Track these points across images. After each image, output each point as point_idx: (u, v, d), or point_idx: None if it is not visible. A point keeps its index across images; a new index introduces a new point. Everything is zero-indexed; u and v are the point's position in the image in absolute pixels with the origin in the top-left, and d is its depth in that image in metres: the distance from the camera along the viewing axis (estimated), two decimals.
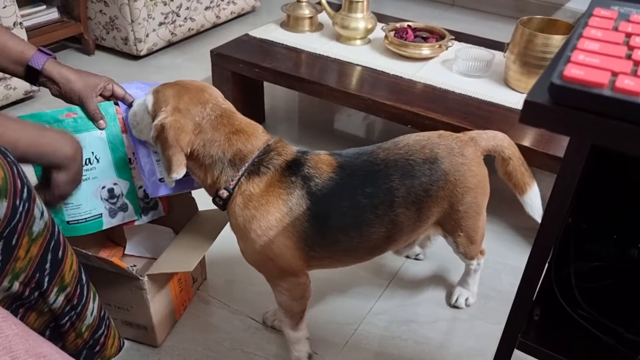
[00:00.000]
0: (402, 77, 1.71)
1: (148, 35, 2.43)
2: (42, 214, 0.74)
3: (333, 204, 0.99)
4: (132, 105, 1.08)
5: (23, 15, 2.13)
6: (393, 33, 1.84)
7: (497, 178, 1.17)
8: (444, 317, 1.32)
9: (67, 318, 0.84)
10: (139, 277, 1.07)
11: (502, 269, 1.45)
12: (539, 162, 1.35)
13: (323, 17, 2.02)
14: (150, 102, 1.00)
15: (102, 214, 1.11)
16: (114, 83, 1.10)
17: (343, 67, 1.78)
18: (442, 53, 1.82)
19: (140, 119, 1.04)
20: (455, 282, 1.37)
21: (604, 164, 0.80)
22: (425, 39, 1.83)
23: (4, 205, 0.66)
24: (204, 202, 1.14)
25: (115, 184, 1.12)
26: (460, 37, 1.92)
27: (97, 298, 0.91)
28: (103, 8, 2.39)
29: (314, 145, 1.11)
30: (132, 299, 1.13)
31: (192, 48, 2.65)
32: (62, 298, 0.82)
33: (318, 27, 2.04)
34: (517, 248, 1.52)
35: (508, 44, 1.63)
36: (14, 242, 0.70)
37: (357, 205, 0.99)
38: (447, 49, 1.82)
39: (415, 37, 1.84)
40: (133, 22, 2.34)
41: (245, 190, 0.98)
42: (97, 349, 0.93)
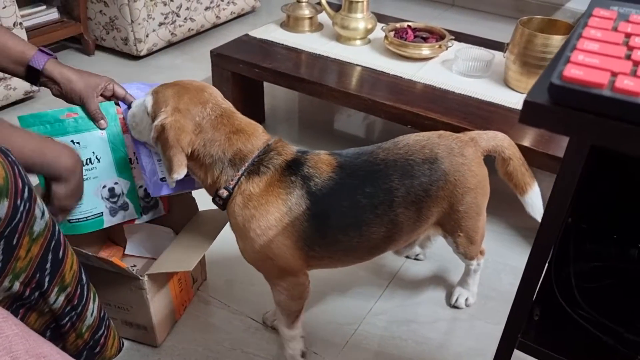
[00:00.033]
0: (402, 77, 1.71)
1: (148, 36, 2.43)
2: (42, 214, 0.74)
3: (333, 204, 0.99)
4: (131, 106, 1.08)
5: (23, 16, 2.13)
6: (393, 33, 1.84)
7: (497, 178, 1.17)
8: (444, 317, 1.32)
9: (67, 318, 0.84)
10: (139, 276, 1.08)
11: (502, 269, 1.45)
12: (539, 162, 1.35)
13: (323, 17, 2.02)
14: (150, 102, 1.00)
15: (102, 213, 1.12)
16: (115, 83, 1.11)
17: (343, 67, 1.78)
18: (442, 53, 1.82)
19: (140, 120, 1.04)
20: (455, 282, 1.37)
21: (604, 164, 0.80)
22: (425, 39, 1.83)
23: (5, 205, 0.66)
24: (204, 202, 1.14)
25: (116, 184, 1.12)
26: (460, 37, 1.92)
27: (97, 298, 0.91)
28: (103, 8, 2.39)
29: (314, 146, 1.11)
30: (132, 299, 1.13)
31: (192, 48, 2.65)
32: (62, 298, 0.82)
33: (318, 27, 2.04)
34: (517, 248, 1.53)
35: (508, 44, 1.63)
36: (15, 241, 0.70)
37: (356, 205, 0.99)
38: (447, 49, 1.82)
39: (415, 37, 1.84)
40: (133, 22, 2.35)
41: (245, 190, 0.98)
42: (97, 350, 0.94)
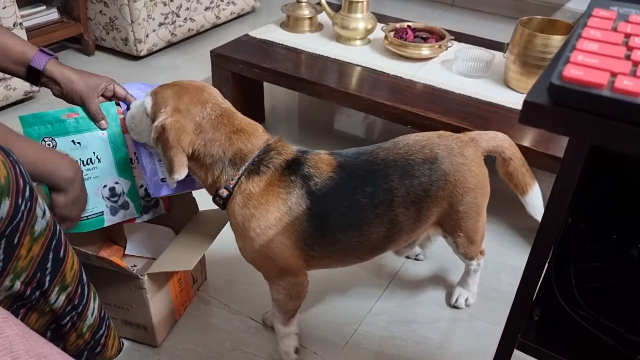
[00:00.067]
0: (401, 77, 1.71)
1: (148, 36, 2.43)
2: (44, 213, 0.74)
3: (332, 204, 0.99)
4: (130, 108, 1.08)
5: (23, 16, 2.13)
6: (393, 33, 1.84)
7: (497, 178, 1.17)
8: (444, 317, 1.32)
9: (68, 318, 0.84)
10: (139, 276, 1.08)
11: (502, 269, 1.45)
12: (539, 162, 1.36)
13: (323, 17, 2.02)
14: (149, 103, 1.00)
15: (103, 212, 1.12)
16: (116, 83, 1.11)
17: (343, 67, 1.78)
18: (441, 53, 1.82)
19: (139, 122, 1.04)
20: (455, 282, 1.37)
21: (604, 164, 0.80)
22: (425, 40, 1.83)
23: (7, 204, 0.66)
24: (205, 202, 1.15)
25: (117, 183, 1.12)
26: (460, 37, 1.92)
27: (97, 298, 0.91)
28: (103, 8, 2.39)
29: (314, 146, 1.12)
30: (132, 299, 1.13)
31: (192, 48, 2.65)
32: (63, 298, 0.82)
33: (318, 27, 2.04)
34: (517, 248, 1.53)
35: (508, 45, 1.63)
36: (16, 241, 0.70)
37: (356, 205, 0.99)
38: (446, 50, 1.82)
39: (415, 37, 1.84)
40: (133, 22, 2.35)
41: (245, 190, 0.98)
42: (98, 350, 0.94)
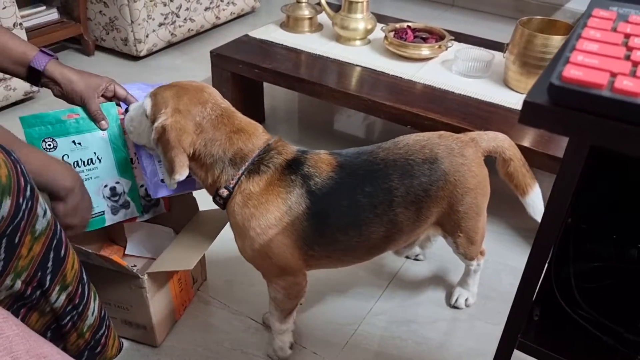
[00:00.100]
0: (401, 77, 1.71)
1: (148, 36, 2.43)
2: (44, 213, 0.74)
3: (332, 203, 0.99)
4: (128, 111, 1.08)
5: (23, 16, 2.13)
6: (393, 33, 1.84)
7: (497, 178, 1.17)
8: (444, 317, 1.32)
9: (68, 318, 0.85)
10: (139, 275, 1.08)
11: (502, 270, 1.46)
12: (539, 162, 1.36)
13: (323, 17, 2.02)
14: (149, 105, 0.99)
15: (104, 212, 1.13)
16: (116, 84, 1.11)
17: (343, 67, 1.78)
18: (441, 53, 1.83)
19: (138, 124, 1.03)
20: (455, 282, 1.37)
21: (604, 164, 0.80)
22: (425, 40, 1.83)
23: (8, 203, 0.66)
24: (205, 201, 1.15)
25: (117, 183, 1.13)
26: (460, 37, 1.92)
27: (97, 297, 0.91)
28: (103, 9, 2.39)
29: (314, 146, 1.12)
30: (132, 298, 1.13)
31: (191, 49, 2.65)
32: (63, 297, 0.82)
33: (318, 27, 2.04)
34: (517, 248, 1.53)
35: (508, 45, 1.63)
36: (17, 240, 0.70)
37: (356, 205, 0.99)
38: (446, 50, 1.82)
39: (415, 37, 1.84)
40: (133, 22, 2.35)
41: (245, 189, 0.98)
42: (98, 350, 0.94)
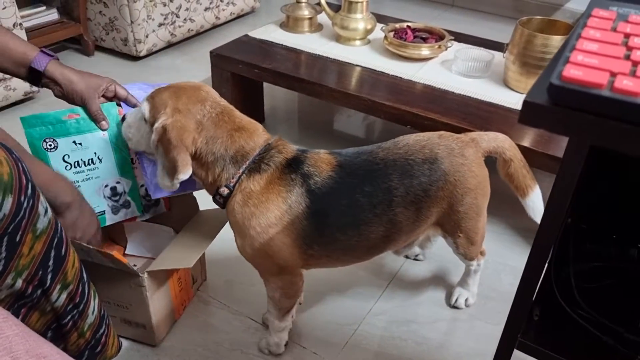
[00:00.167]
0: (401, 77, 1.71)
1: (147, 36, 2.43)
2: (45, 211, 0.74)
3: (332, 203, 0.99)
4: (125, 118, 1.07)
5: (23, 16, 2.13)
6: (392, 34, 1.84)
7: (497, 179, 1.17)
8: (444, 317, 1.32)
9: (69, 317, 0.85)
10: (139, 273, 1.08)
11: (502, 270, 1.45)
12: (539, 162, 1.36)
13: (322, 17, 2.02)
14: (147, 108, 0.99)
15: (105, 211, 1.13)
16: (117, 84, 1.11)
17: (342, 67, 1.78)
18: (441, 53, 1.83)
19: (137, 130, 1.03)
20: (455, 282, 1.37)
21: (604, 164, 0.80)
22: (425, 40, 1.83)
23: (10, 201, 0.66)
24: (205, 201, 1.15)
25: (118, 183, 1.13)
26: (460, 37, 1.92)
27: (97, 296, 0.92)
28: (103, 9, 2.39)
29: (314, 146, 1.12)
30: (131, 297, 1.13)
31: (191, 49, 2.65)
32: (64, 296, 0.82)
33: (317, 27, 2.04)
34: (517, 248, 1.53)
35: (507, 45, 1.63)
36: (18, 238, 0.70)
37: (355, 204, 0.99)
38: (446, 50, 1.82)
39: (415, 37, 1.84)
40: (132, 23, 2.35)
41: (246, 188, 0.98)
42: (98, 349, 0.94)
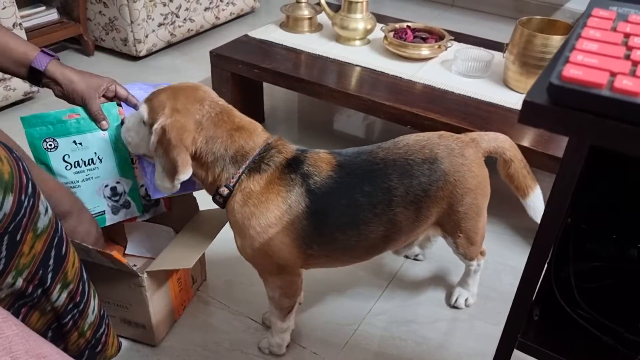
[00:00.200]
0: (401, 77, 1.71)
1: (147, 36, 2.43)
2: (46, 210, 0.74)
3: (331, 202, 0.99)
4: (123, 122, 1.07)
5: (22, 16, 2.13)
6: (392, 33, 1.84)
7: (496, 179, 1.17)
8: (444, 317, 1.32)
9: (69, 316, 0.85)
10: (139, 273, 1.08)
11: (501, 270, 1.45)
12: (538, 162, 1.35)
13: (322, 17, 2.02)
14: (145, 111, 0.99)
15: (105, 211, 1.13)
16: (117, 84, 1.11)
17: (342, 67, 1.78)
18: (441, 53, 1.82)
19: (136, 133, 1.03)
20: (455, 282, 1.37)
21: (603, 164, 0.80)
22: (425, 40, 1.83)
23: (10, 200, 0.66)
24: (205, 201, 1.14)
25: (118, 183, 1.13)
26: (460, 37, 1.92)
27: (96, 296, 0.92)
28: (102, 9, 2.39)
29: (314, 146, 1.12)
30: (131, 297, 1.13)
31: (191, 49, 2.65)
32: (65, 295, 0.82)
33: (317, 27, 2.04)
34: (516, 248, 1.52)
35: (507, 45, 1.63)
36: (19, 237, 0.70)
37: (355, 204, 0.99)
38: (446, 50, 1.82)
39: (415, 37, 1.84)
40: (132, 23, 2.35)
41: (245, 188, 0.98)
42: (99, 349, 0.94)
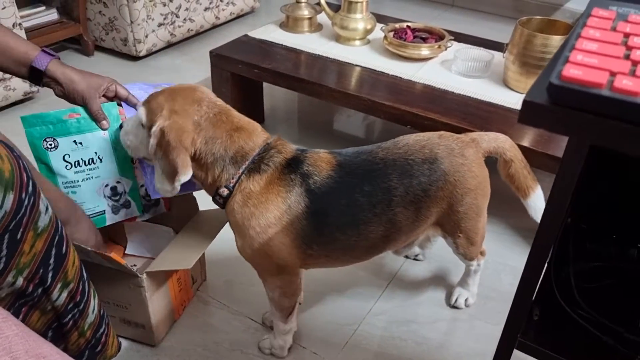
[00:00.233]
0: (401, 77, 1.71)
1: (147, 36, 2.43)
2: (47, 209, 0.75)
3: (331, 202, 0.99)
4: (122, 126, 1.07)
5: (22, 16, 2.13)
6: (392, 33, 1.84)
7: (496, 179, 1.17)
8: (444, 317, 1.32)
9: (70, 316, 0.85)
10: (138, 274, 1.08)
11: (501, 270, 1.45)
12: (538, 162, 1.35)
13: (322, 17, 2.02)
14: (144, 113, 0.99)
15: (105, 211, 1.13)
16: (117, 84, 1.11)
17: (342, 67, 1.78)
18: (441, 53, 1.82)
19: (135, 136, 1.03)
20: (455, 282, 1.37)
21: (603, 164, 0.80)
22: (425, 40, 1.83)
23: (11, 198, 0.66)
24: (205, 201, 1.14)
25: (118, 182, 1.13)
26: (460, 37, 1.92)
27: (96, 295, 0.92)
28: (102, 9, 2.39)
29: (314, 146, 1.11)
30: (130, 297, 1.13)
31: (191, 49, 2.65)
32: (65, 294, 0.82)
33: (317, 27, 2.04)
34: (516, 248, 1.52)
35: (507, 45, 1.63)
36: (19, 236, 0.70)
37: (355, 204, 0.99)
38: (446, 50, 1.82)
39: (415, 37, 1.84)
40: (132, 23, 2.34)
41: (245, 188, 0.98)
42: (99, 349, 0.94)
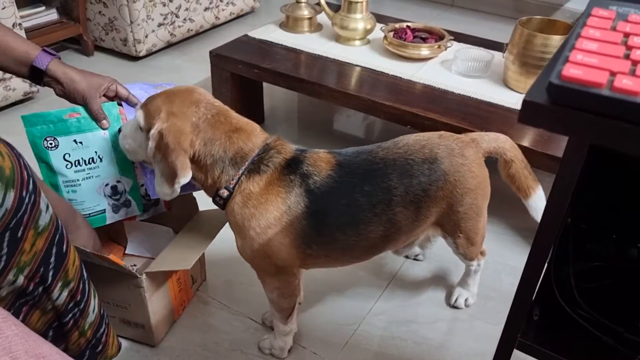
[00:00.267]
0: (401, 77, 1.71)
1: (147, 36, 2.43)
2: (47, 208, 0.75)
3: (331, 202, 0.99)
4: (120, 130, 1.07)
5: (22, 16, 2.13)
6: (392, 33, 1.84)
7: (496, 179, 1.17)
8: (444, 317, 1.32)
9: (70, 315, 0.85)
10: (137, 275, 1.08)
11: (502, 270, 1.45)
12: (538, 162, 1.35)
13: (322, 17, 2.02)
14: (142, 116, 0.99)
15: (105, 210, 1.13)
16: (118, 83, 1.11)
17: (342, 67, 1.78)
18: (441, 53, 1.82)
19: (133, 140, 1.03)
20: (455, 282, 1.37)
21: (604, 164, 0.80)
22: (425, 40, 1.83)
23: (12, 196, 0.66)
24: (205, 202, 1.14)
25: (119, 182, 1.13)
26: (460, 37, 1.92)
27: (96, 295, 0.92)
28: (102, 9, 2.39)
29: (314, 146, 1.12)
30: (130, 297, 1.13)
31: (191, 49, 2.65)
32: (65, 294, 0.82)
33: (317, 27, 2.04)
34: (517, 248, 1.52)
35: (507, 45, 1.63)
36: (20, 234, 0.70)
37: (355, 204, 0.99)
38: (446, 50, 1.82)
39: (415, 37, 1.84)
40: (132, 23, 2.34)
41: (245, 189, 0.98)
42: (99, 349, 0.94)
